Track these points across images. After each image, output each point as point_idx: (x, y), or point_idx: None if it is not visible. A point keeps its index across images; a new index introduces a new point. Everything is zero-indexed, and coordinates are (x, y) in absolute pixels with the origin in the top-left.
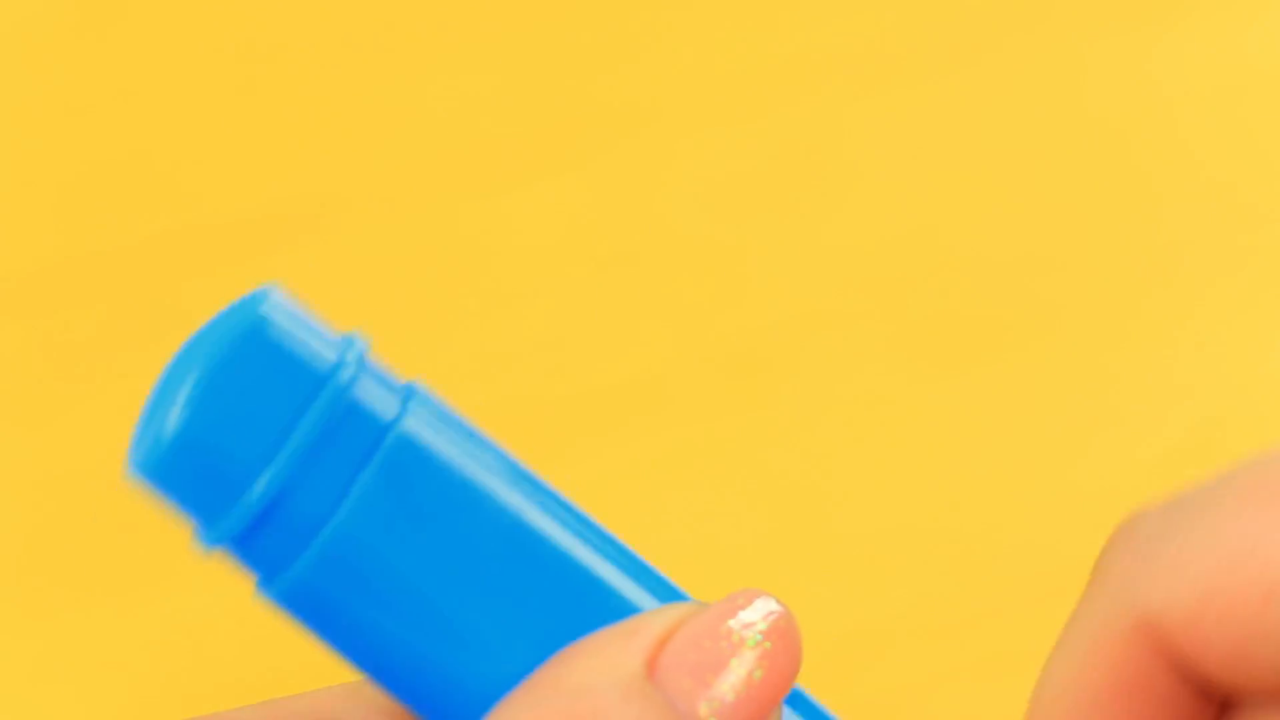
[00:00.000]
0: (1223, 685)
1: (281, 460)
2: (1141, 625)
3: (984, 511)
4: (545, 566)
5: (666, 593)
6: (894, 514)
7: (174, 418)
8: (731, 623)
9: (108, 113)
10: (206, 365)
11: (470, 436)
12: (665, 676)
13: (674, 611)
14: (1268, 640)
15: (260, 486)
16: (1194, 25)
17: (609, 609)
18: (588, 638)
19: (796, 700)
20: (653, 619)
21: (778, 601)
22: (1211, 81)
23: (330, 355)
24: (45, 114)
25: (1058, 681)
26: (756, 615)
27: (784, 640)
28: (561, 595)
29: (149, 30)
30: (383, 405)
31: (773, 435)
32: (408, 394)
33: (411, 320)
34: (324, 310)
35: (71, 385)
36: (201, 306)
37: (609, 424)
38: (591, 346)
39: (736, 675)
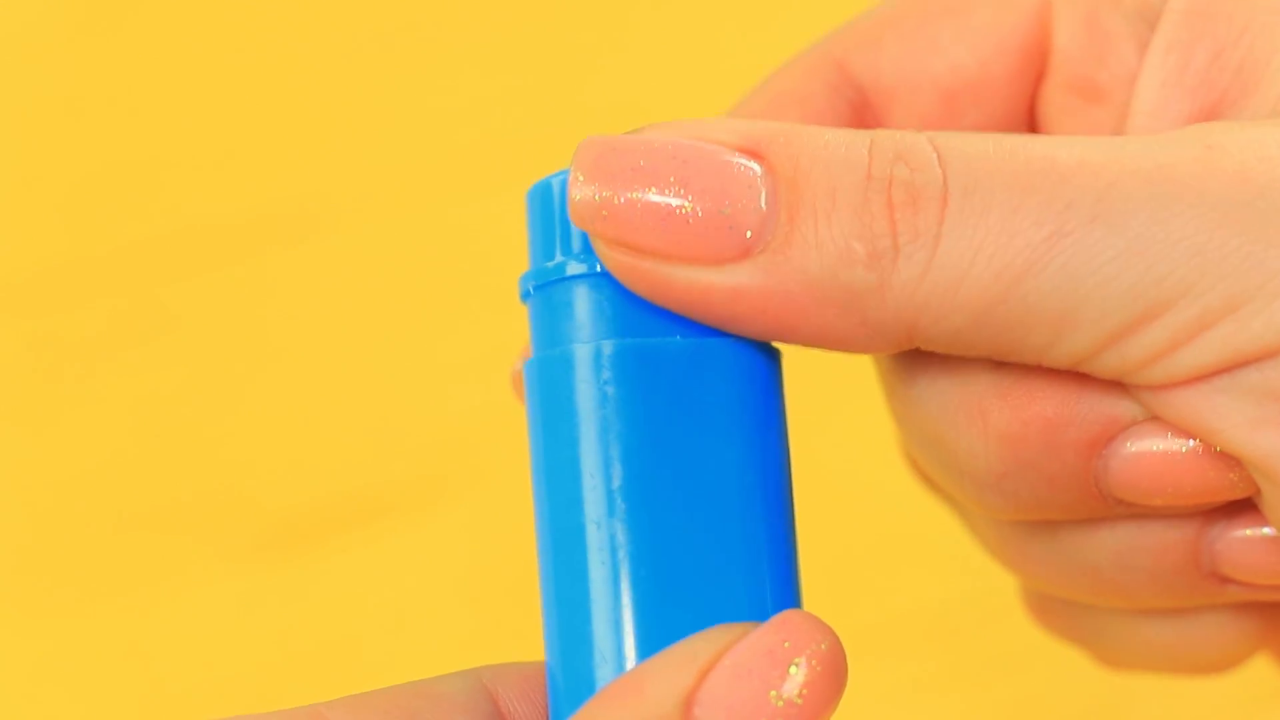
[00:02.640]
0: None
1: None
2: (834, 59)
3: None
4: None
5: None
6: (893, 514)
7: None
8: (773, 652)
9: (107, 114)
10: None
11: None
12: (703, 715)
13: (717, 639)
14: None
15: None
16: None
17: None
18: (631, 672)
19: None
20: (696, 648)
21: (821, 625)
22: None
23: None
24: (45, 115)
25: (764, 88)
26: (798, 642)
27: (827, 668)
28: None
29: (149, 31)
30: None
31: None
32: None
33: (409, 320)
34: (322, 310)
35: (71, 385)
36: (200, 306)
37: None
38: None
39: (775, 708)
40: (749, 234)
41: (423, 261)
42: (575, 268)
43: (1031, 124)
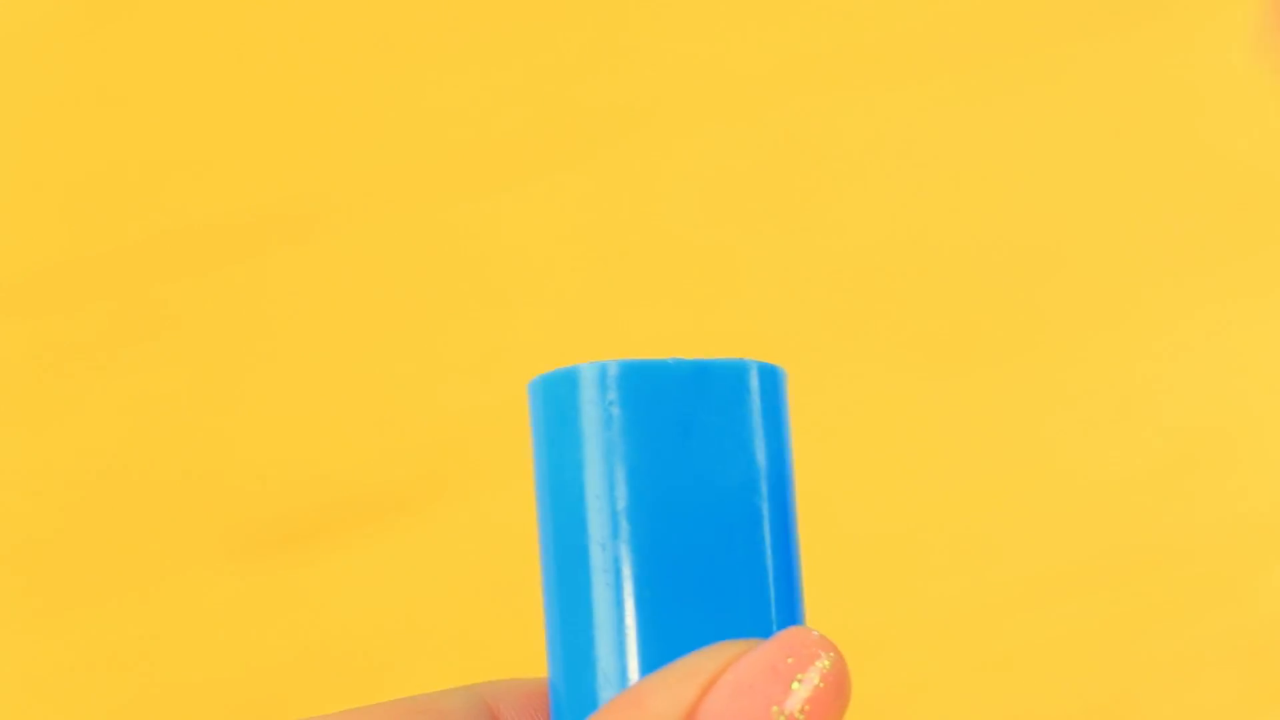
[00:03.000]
0: None
1: None
2: None
3: (983, 513)
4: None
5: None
6: (892, 515)
7: None
8: (776, 668)
9: (107, 115)
10: None
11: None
12: None
13: (720, 654)
14: None
15: None
16: (1186, 27)
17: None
18: (634, 686)
19: None
20: (698, 663)
21: (825, 642)
22: (1207, 85)
23: None
24: (45, 116)
25: None
26: (801, 658)
27: (830, 684)
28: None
29: (149, 32)
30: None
31: None
32: None
33: (409, 320)
34: (322, 310)
35: (71, 385)
36: (199, 307)
37: None
38: (588, 345)
39: None
40: None
41: (423, 261)
42: None
43: None
